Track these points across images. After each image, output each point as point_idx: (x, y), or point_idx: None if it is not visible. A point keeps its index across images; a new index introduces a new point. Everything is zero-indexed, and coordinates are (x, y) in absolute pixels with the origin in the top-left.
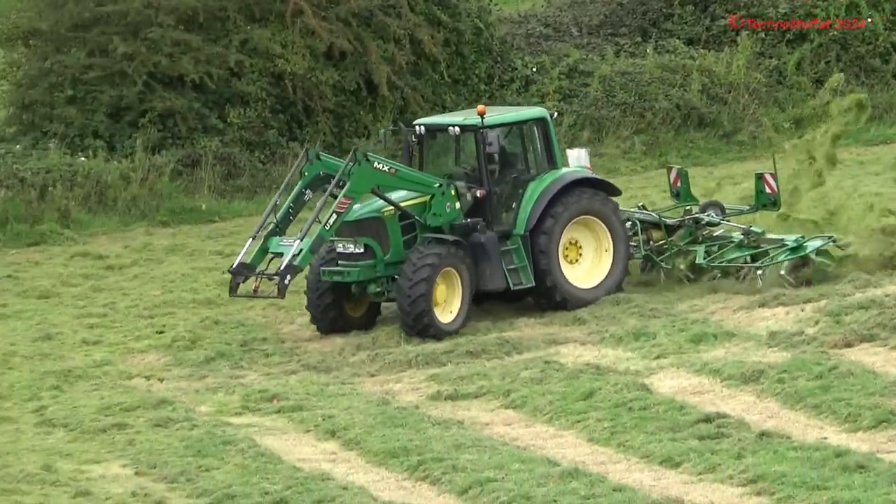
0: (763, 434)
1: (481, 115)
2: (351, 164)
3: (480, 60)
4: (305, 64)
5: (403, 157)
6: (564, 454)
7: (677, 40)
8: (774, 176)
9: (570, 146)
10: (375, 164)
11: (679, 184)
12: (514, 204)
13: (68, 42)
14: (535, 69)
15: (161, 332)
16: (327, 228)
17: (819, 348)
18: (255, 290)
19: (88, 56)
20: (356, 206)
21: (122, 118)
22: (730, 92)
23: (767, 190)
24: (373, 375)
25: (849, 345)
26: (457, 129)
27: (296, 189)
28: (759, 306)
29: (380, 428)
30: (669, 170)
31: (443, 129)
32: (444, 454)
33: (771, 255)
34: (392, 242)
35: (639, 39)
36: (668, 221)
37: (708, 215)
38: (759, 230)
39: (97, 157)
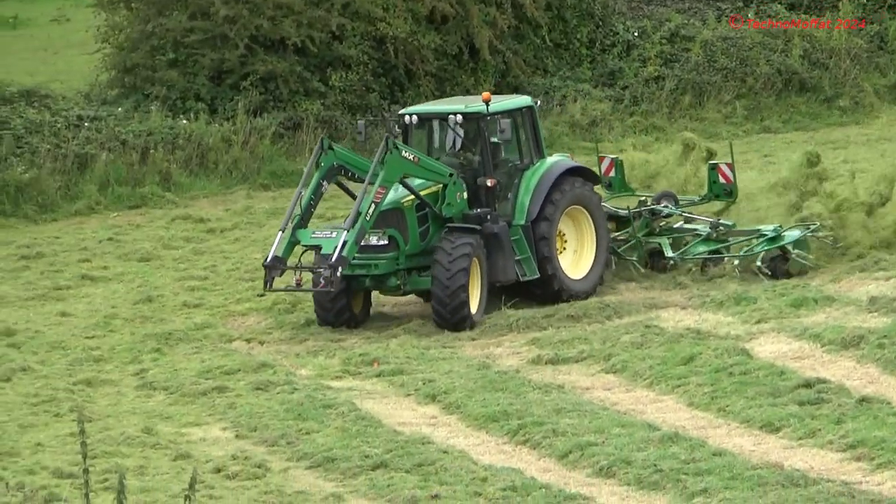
0: (863, 399)
1: (487, 102)
2: (385, 152)
3: (582, 24)
4: (407, 27)
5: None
6: (664, 419)
7: (779, 5)
8: (731, 166)
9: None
10: (404, 152)
11: (613, 173)
12: (510, 194)
13: (170, 5)
14: (636, 33)
15: (262, 296)
16: (368, 219)
17: None
18: (297, 284)
19: (190, 19)
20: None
21: (224, 81)
22: (831, 57)
23: (722, 180)
24: (473, 339)
25: None
26: (459, 116)
27: (313, 180)
28: (860, 271)
29: (480, 392)
30: (601, 160)
31: (437, 117)
32: (544, 418)
33: (747, 246)
34: (411, 234)
35: (740, 4)
36: (622, 213)
37: (665, 206)
38: (730, 223)
39: (198, 119)
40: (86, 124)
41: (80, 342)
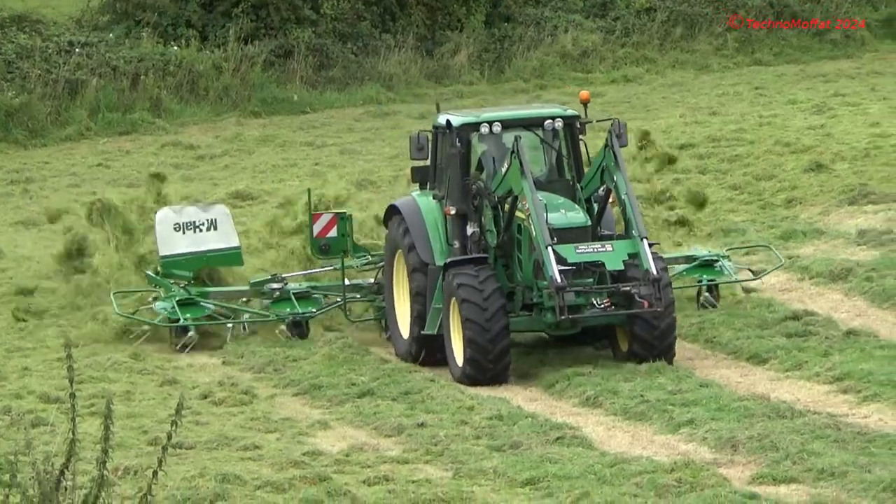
0: (850, 332)
1: (585, 102)
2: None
3: None
4: None
5: (453, 162)
6: None
7: None
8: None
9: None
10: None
11: (334, 232)
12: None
13: None
14: None
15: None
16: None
17: None
18: (604, 308)
19: None
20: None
21: (215, 8)
22: None
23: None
24: None
25: None
26: (559, 122)
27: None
28: (849, 204)
29: None
30: (315, 217)
31: (524, 123)
32: (531, 349)
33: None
34: None
35: None
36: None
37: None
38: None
39: (189, 46)
40: (76, 50)
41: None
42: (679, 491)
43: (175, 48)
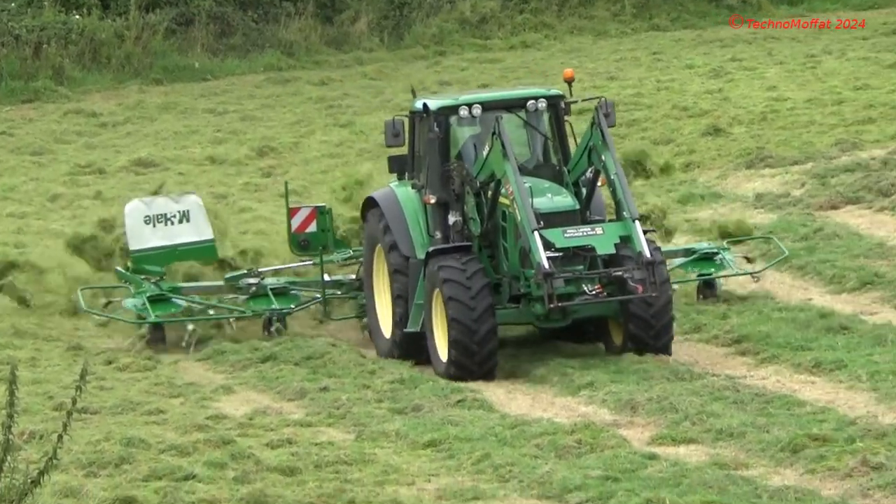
0: (748, 295)
1: (570, 80)
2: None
3: None
4: None
5: (431, 148)
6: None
7: None
8: (295, 211)
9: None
10: None
11: (314, 227)
12: None
13: None
14: None
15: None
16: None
17: (805, 210)
18: (595, 294)
19: None
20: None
21: None
22: None
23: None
24: None
25: (834, 207)
26: (542, 102)
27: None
28: (746, 168)
29: None
30: (293, 212)
31: (505, 105)
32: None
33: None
34: None
35: None
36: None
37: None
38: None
39: (91, 15)
40: None
41: None
42: (579, 452)
43: (77, 17)
